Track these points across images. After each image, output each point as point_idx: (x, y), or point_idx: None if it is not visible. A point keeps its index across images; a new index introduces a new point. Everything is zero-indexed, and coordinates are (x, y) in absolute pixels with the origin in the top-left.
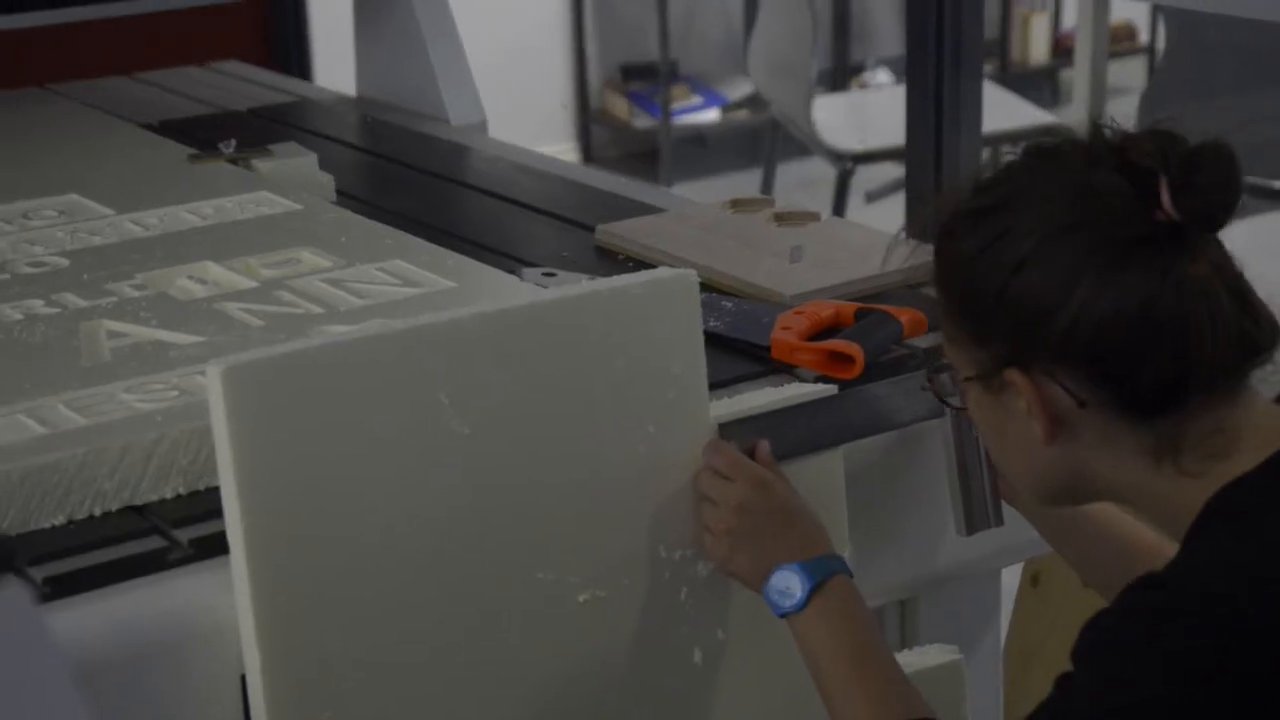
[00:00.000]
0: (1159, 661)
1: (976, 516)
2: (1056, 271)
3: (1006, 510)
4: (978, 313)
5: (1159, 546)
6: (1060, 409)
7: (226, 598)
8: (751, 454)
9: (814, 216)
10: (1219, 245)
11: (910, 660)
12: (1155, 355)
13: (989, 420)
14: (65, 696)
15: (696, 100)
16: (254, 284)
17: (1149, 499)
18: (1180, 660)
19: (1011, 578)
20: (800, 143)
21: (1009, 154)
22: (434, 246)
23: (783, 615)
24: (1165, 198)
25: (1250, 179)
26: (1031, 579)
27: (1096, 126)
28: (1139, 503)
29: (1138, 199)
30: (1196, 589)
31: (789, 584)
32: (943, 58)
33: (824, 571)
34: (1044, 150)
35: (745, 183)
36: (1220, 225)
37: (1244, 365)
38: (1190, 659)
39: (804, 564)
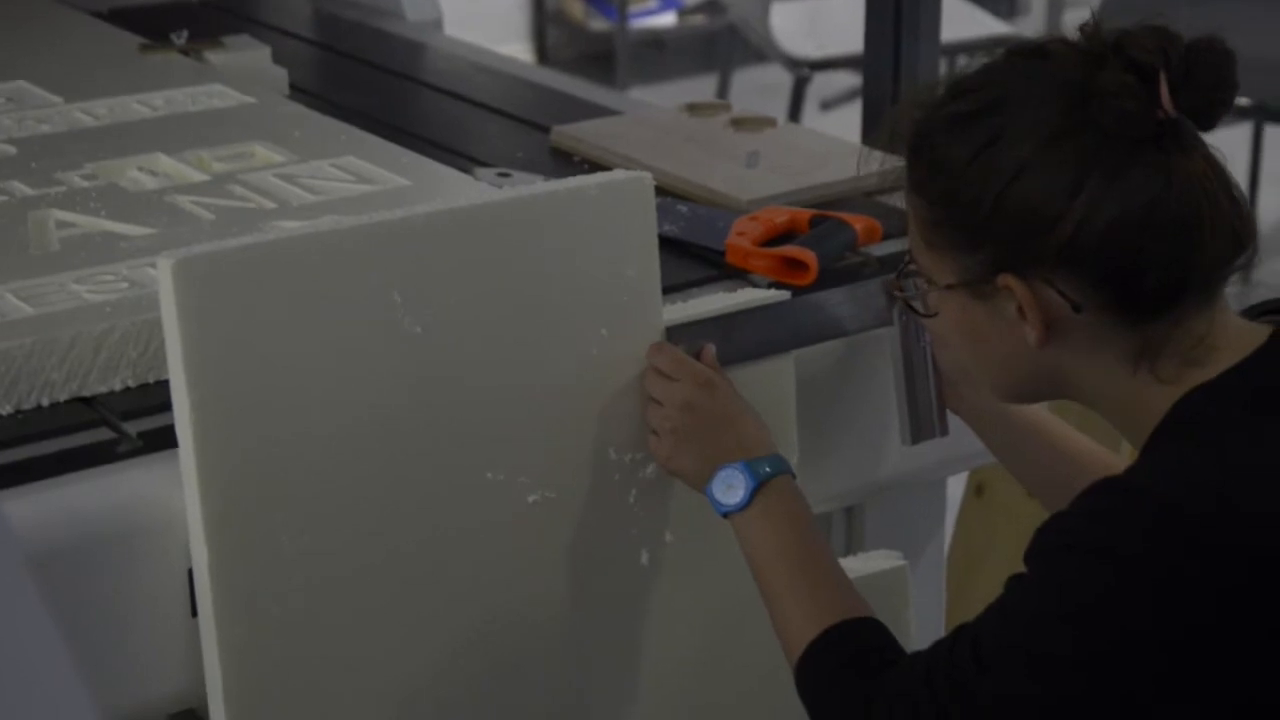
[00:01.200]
0: (1111, 565)
1: (922, 426)
2: (1059, 177)
3: (952, 420)
4: (967, 220)
5: (1105, 458)
6: (1054, 314)
7: (175, 491)
8: (698, 357)
9: (771, 122)
10: (1204, 142)
11: (855, 566)
12: (1159, 257)
13: (967, 325)
14: (17, 583)
15: (653, 3)
16: (206, 177)
17: (1118, 403)
18: (1134, 564)
19: (956, 487)
20: (757, 49)
21: (984, 56)
22: (388, 144)
23: (725, 514)
24: (1165, 95)
25: None
26: (976, 489)
27: (1095, 25)
28: (1106, 406)
29: (1142, 99)
30: (1155, 496)
31: (732, 483)
32: None
33: (767, 471)
34: (1030, 51)
35: (701, 88)
36: (1215, 122)
37: (1233, 263)
38: (1144, 563)
39: (748, 463)
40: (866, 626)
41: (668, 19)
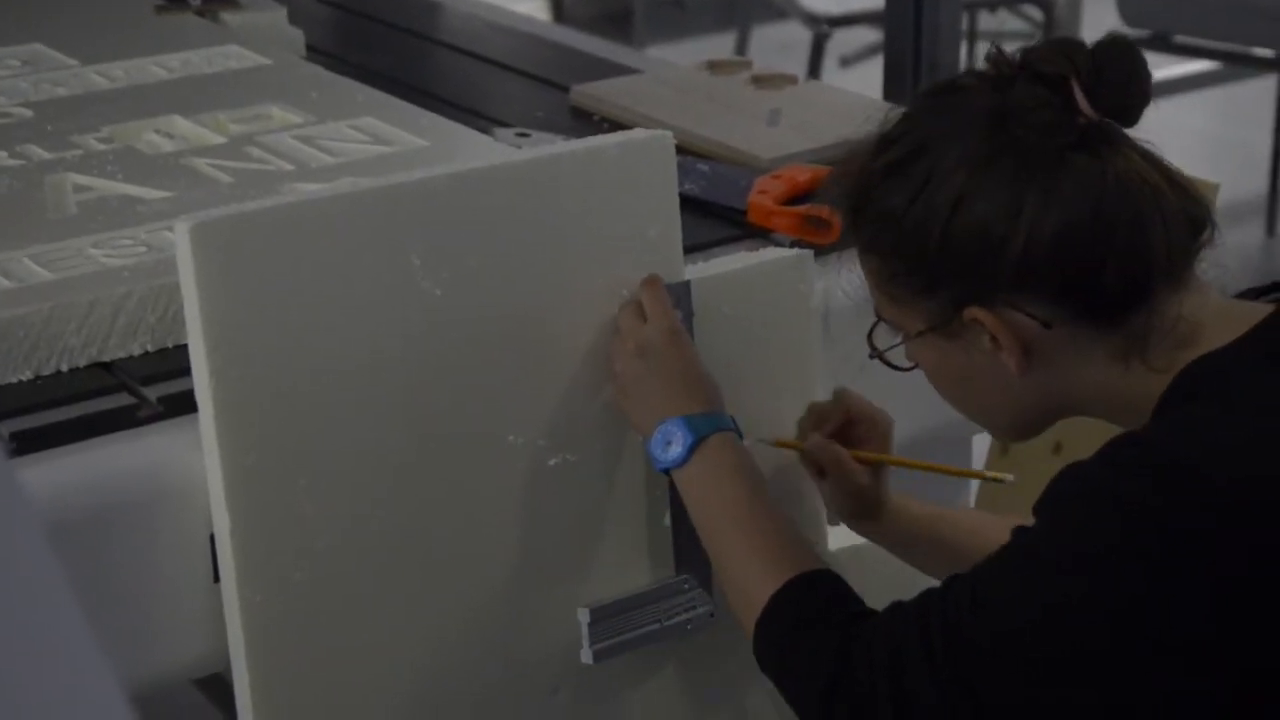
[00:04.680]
0: (1126, 514)
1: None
2: (997, 199)
3: None
4: (920, 264)
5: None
6: (1027, 336)
7: (196, 456)
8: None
9: (792, 79)
10: (1130, 139)
11: None
12: (1113, 256)
13: (950, 368)
14: (39, 553)
15: None
16: (223, 139)
17: (1121, 403)
18: (1150, 517)
19: (980, 445)
20: (776, 5)
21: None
22: (406, 104)
23: (663, 470)
24: (1081, 99)
25: (1233, 45)
26: (1001, 447)
27: (998, 51)
28: (1111, 410)
29: (1058, 108)
30: (1173, 451)
31: (670, 438)
32: None
33: (708, 428)
34: (942, 89)
35: (719, 45)
36: (1137, 117)
37: (1194, 245)
38: (1161, 517)
39: (688, 419)
40: (826, 579)
41: None
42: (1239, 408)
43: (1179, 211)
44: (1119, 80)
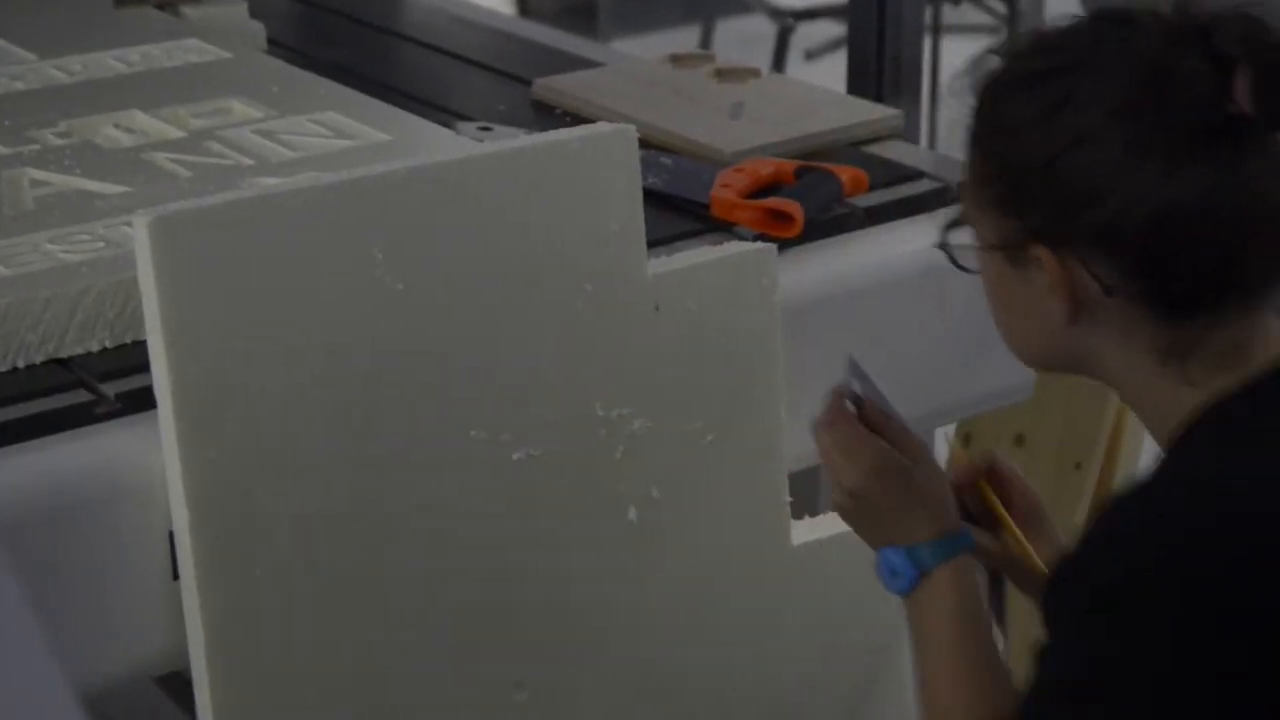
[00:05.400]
0: (1139, 611)
1: None
2: (1114, 153)
3: (940, 372)
4: (1016, 182)
5: None
6: (1083, 294)
7: (155, 453)
8: (859, 406)
9: (755, 73)
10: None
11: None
12: (1202, 255)
13: (1001, 287)
14: None
15: None
16: (182, 134)
17: (1141, 395)
18: (1163, 607)
19: (944, 435)
20: None
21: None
22: (368, 98)
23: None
24: (1244, 90)
25: None
26: (963, 439)
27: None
28: (1129, 395)
29: (1219, 87)
30: (1182, 527)
31: (895, 569)
32: None
33: (932, 560)
34: (1117, 17)
35: (684, 39)
36: None
37: None
38: (1178, 604)
39: (910, 551)
40: None
41: None
42: (1254, 457)
43: None
44: None
